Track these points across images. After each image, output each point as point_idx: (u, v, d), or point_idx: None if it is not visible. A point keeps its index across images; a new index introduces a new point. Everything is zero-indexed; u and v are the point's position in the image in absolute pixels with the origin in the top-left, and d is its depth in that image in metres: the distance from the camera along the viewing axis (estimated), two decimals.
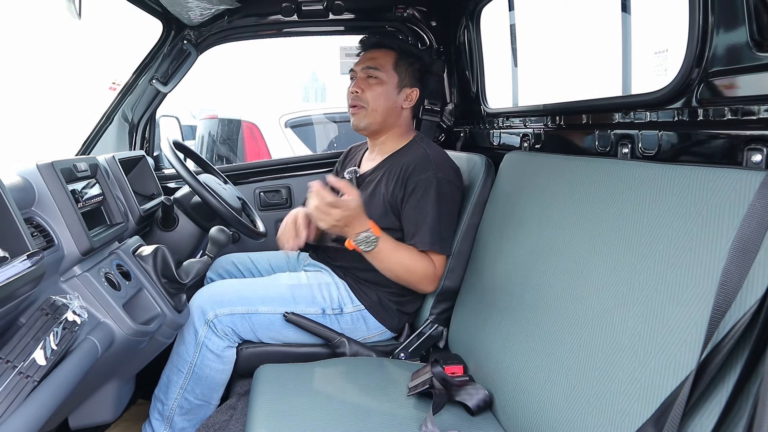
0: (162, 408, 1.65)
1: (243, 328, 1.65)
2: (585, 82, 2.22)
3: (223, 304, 1.63)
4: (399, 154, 1.78)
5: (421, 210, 1.63)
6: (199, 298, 1.67)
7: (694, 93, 1.08)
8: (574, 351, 1.07)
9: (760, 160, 0.92)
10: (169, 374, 1.65)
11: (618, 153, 1.31)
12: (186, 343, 1.63)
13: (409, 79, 1.81)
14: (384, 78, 1.77)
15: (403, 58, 1.80)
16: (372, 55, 1.81)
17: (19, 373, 0.92)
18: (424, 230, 1.61)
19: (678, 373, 0.83)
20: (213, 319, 1.62)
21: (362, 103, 1.77)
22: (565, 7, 2.46)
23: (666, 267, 0.93)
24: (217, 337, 1.62)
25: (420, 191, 1.64)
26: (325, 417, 1.24)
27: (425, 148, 1.74)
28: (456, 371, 1.46)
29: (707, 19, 1.03)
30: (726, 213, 0.85)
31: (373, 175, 1.79)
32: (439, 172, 1.65)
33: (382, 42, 1.83)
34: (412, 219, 1.64)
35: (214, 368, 1.63)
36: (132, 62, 2.22)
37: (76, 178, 1.41)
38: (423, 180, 1.64)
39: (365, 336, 1.72)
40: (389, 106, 1.78)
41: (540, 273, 1.28)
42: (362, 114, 1.78)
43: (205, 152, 4.82)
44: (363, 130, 1.82)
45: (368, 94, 1.77)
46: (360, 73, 1.80)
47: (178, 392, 1.63)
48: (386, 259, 1.59)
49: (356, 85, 1.78)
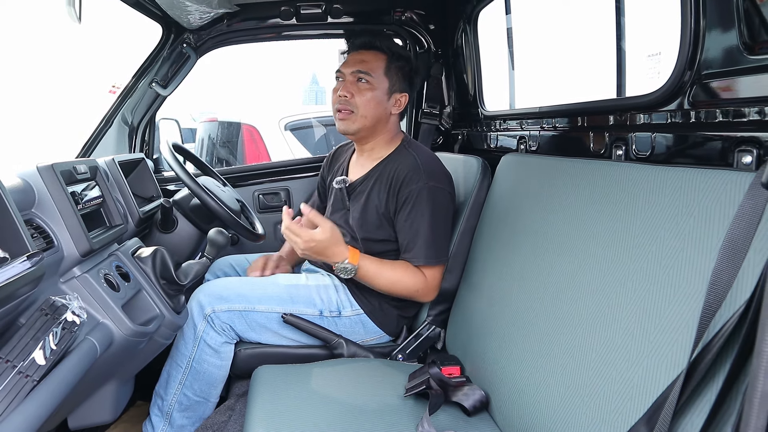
0: (162, 404, 1.66)
1: (240, 326, 1.66)
2: (580, 85, 2.23)
3: (222, 301, 1.65)
4: (388, 161, 1.74)
5: (413, 222, 1.62)
6: (199, 294, 1.68)
7: (687, 95, 1.09)
8: (569, 351, 1.08)
9: (750, 162, 0.93)
10: (169, 369, 1.68)
11: (612, 155, 1.32)
12: (185, 338, 1.65)
13: (399, 84, 1.75)
14: (375, 83, 1.71)
15: (393, 62, 1.74)
16: (362, 57, 1.74)
17: (19, 372, 0.92)
18: (419, 245, 1.60)
19: (670, 372, 0.84)
20: (211, 314, 1.63)
21: (351, 108, 1.71)
22: (561, 11, 2.47)
23: (659, 267, 0.94)
24: (215, 332, 1.64)
25: (411, 202, 1.62)
26: (323, 417, 1.25)
27: (415, 156, 1.70)
28: (453, 372, 1.47)
29: (699, 22, 1.04)
30: (717, 214, 0.86)
31: (363, 185, 1.76)
32: (430, 180, 1.63)
33: (373, 43, 1.75)
34: (406, 232, 1.63)
35: (212, 363, 1.65)
36: (132, 65, 2.24)
37: (75, 180, 1.42)
38: (414, 191, 1.62)
39: (363, 339, 1.73)
40: (379, 112, 1.73)
41: (535, 274, 1.29)
42: (351, 119, 1.72)
43: (205, 155, 4.83)
44: (351, 135, 1.78)
45: (358, 98, 1.71)
46: (349, 76, 1.73)
47: (177, 387, 1.65)
48: (372, 282, 1.62)
49: (345, 88, 1.71)
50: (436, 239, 1.62)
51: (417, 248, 1.61)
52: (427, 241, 1.60)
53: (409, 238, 1.62)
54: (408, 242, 1.63)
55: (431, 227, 1.60)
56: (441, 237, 1.64)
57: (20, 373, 0.93)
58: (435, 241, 1.61)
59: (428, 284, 1.63)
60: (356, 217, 1.72)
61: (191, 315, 1.64)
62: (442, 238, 1.65)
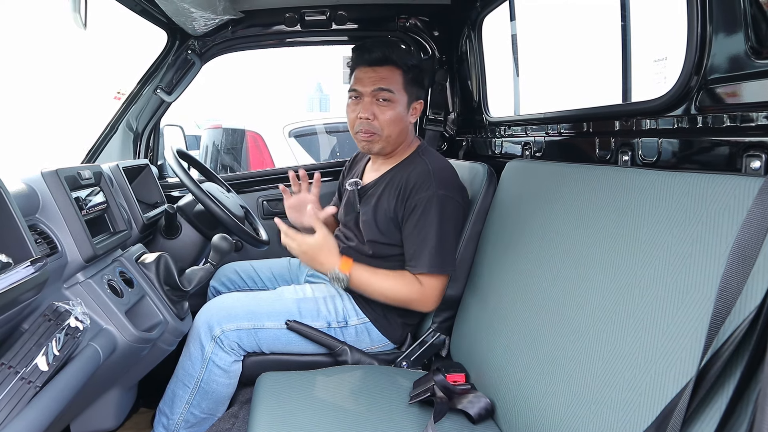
0: (167, 422, 1.63)
1: (249, 343, 1.63)
2: (585, 90, 2.23)
3: (230, 320, 1.62)
4: (401, 167, 1.72)
5: (420, 231, 1.59)
6: (206, 313, 1.64)
7: (694, 100, 1.09)
8: (575, 358, 1.06)
9: (759, 167, 0.93)
10: (174, 389, 1.63)
11: (618, 160, 1.31)
12: (192, 359, 1.61)
13: (416, 92, 1.72)
14: (396, 99, 1.66)
15: (409, 74, 1.68)
16: (379, 74, 1.66)
17: (21, 378, 0.92)
18: (424, 254, 1.58)
19: (678, 380, 0.83)
20: (220, 335, 1.60)
21: (375, 130, 1.66)
22: (566, 16, 2.47)
23: (666, 274, 0.92)
24: (224, 353, 1.61)
25: (419, 210, 1.59)
26: (327, 425, 1.24)
27: (428, 163, 1.66)
28: (458, 380, 1.46)
29: (706, 27, 1.04)
30: (725, 219, 0.85)
31: (374, 188, 1.74)
32: (440, 189, 1.59)
33: (389, 58, 1.66)
34: (413, 241, 1.61)
35: (221, 383, 1.62)
36: (137, 72, 2.25)
37: (80, 186, 1.42)
38: (423, 198, 1.59)
39: (368, 347, 1.72)
40: (402, 127, 1.69)
41: (541, 280, 1.28)
42: (375, 140, 1.68)
43: (210, 162, 4.84)
44: (375, 154, 1.76)
45: (381, 119, 1.66)
46: (368, 96, 1.66)
47: (184, 407, 1.62)
48: (367, 291, 1.62)
49: (366, 109, 1.65)
50: (442, 249, 1.58)
51: (422, 257, 1.58)
52: (433, 250, 1.57)
53: (416, 247, 1.60)
54: (414, 251, 1.60)
55: (438, 236, 1.58)
56: (448, 247, 1.61)
57: (23, 378, 0.92)
58: (441, 250, 1.58)
59: (425, 294, 1.60)
60: (365, 219, 1.71)
61: (198, 335, 1.61)
62: (449, 248, 1.61)
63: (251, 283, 2.02)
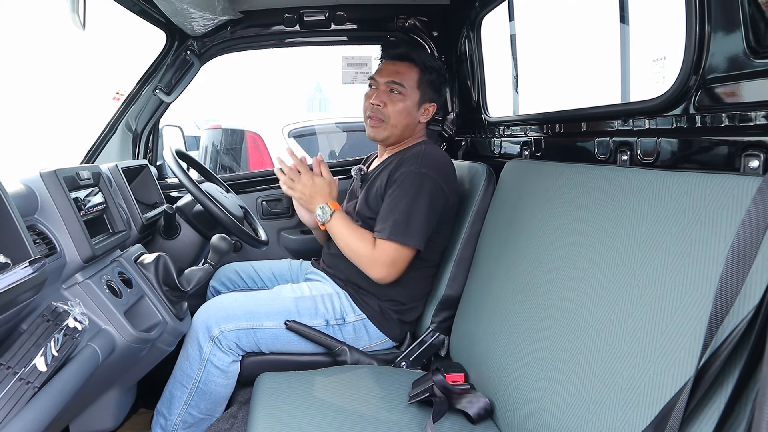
0: (165, 423, 1.63)
1: (247, 343, 1.64)
2: (584, 90, 2.23)
3: (228, 320, 1.62)
4: (400, 152, 1.79)
5: (392, 200, 1.64)
6: (203, 313, 1.65)
7: (692, 100, 1.09)
8: (574, 358, 1.06)
9: (758, 166, 0.93)
10: (172, 389, 1.63)
11: (617, 160, 1.31)
12: (190, 359, 1.61)
13: (429, 94, 1.80)
14: (407, 93, 1.76)
15: (426, 75, 1.77)
16: (397, 68, 1.77)
17: (20, 379, 0.92)
18: (389, 221, 1.61)
19: (677, 380, 0.83)
20: (218, 336, 1.60)
21: (383, 117, 1.76)
22: (565, 16, 2.48)
23: (665, 273, 0.92)
24: (222, 353, 1.61)
25: (399, 182, 1.65)
26: (326, 425, 1.24)
27: (423, 146, 1.76)
28: (457, 380, 1.46)
29: (704, 27, 1.04)
30: (724, 219, 0.85)
31: (374, 173, 1.82)
32: (422, 167, 1.64)
33: (408, 55, 1.79)
34: (384, 208, 1.66)
35: (219, 383, 1.62)
36: (136, 72, 2.25)
37: (78, 186, 1.42)
38: (405, 173, 1.65)
39: (367, 345, 1.72)
40: (409, 122, 1.78)
41: (540, 280, 1.28)
42: (381, 127, 1.77)
43: (209, 162, 4.84)
44: (380, 142, 1.84)
45: (390, 108, 1.75)
46: (382, 86, 1.77)
47: (182, 407, 1.62)
48: (336, 236, 1.68)
49: (378, 97, 1.76)
50: (408, 221, 1.60)
51: (386, 222, 1.62)
52: (398, 220, 1.60)
53: (384, 214, 1.64)
54: (381, 216, 1.65)
55: (407, 208, 1.61)
56: (415, 221, 1.61)
57: (21, 379, 0.92)
58: (407, 221, 1.60)
59: (374, 257, 1.61)
60: (361, 200, 1.77)
61: (196, 335, 1.61)
62: (416, 223, 1.61)
63: (251, 283, 2.02)
